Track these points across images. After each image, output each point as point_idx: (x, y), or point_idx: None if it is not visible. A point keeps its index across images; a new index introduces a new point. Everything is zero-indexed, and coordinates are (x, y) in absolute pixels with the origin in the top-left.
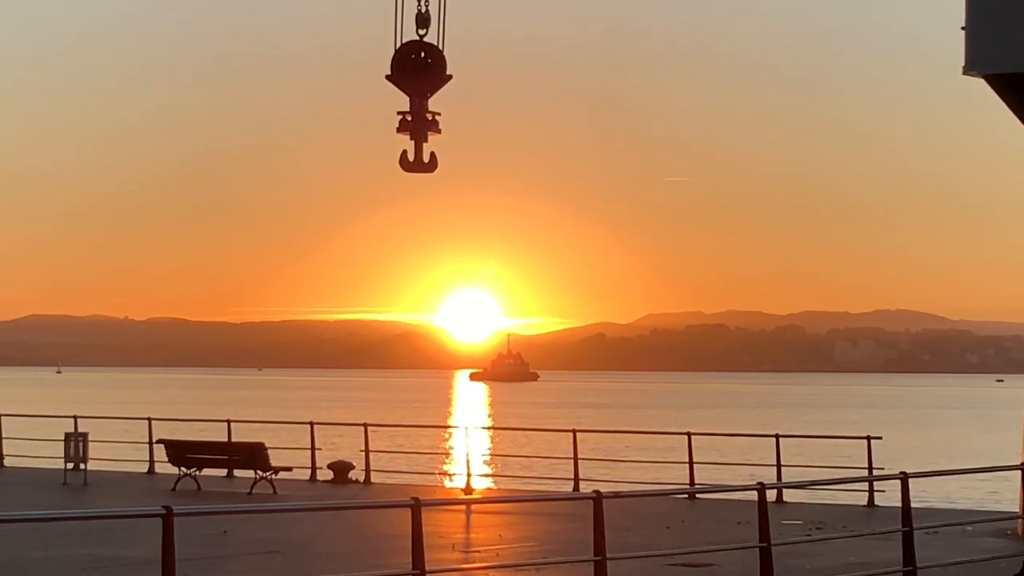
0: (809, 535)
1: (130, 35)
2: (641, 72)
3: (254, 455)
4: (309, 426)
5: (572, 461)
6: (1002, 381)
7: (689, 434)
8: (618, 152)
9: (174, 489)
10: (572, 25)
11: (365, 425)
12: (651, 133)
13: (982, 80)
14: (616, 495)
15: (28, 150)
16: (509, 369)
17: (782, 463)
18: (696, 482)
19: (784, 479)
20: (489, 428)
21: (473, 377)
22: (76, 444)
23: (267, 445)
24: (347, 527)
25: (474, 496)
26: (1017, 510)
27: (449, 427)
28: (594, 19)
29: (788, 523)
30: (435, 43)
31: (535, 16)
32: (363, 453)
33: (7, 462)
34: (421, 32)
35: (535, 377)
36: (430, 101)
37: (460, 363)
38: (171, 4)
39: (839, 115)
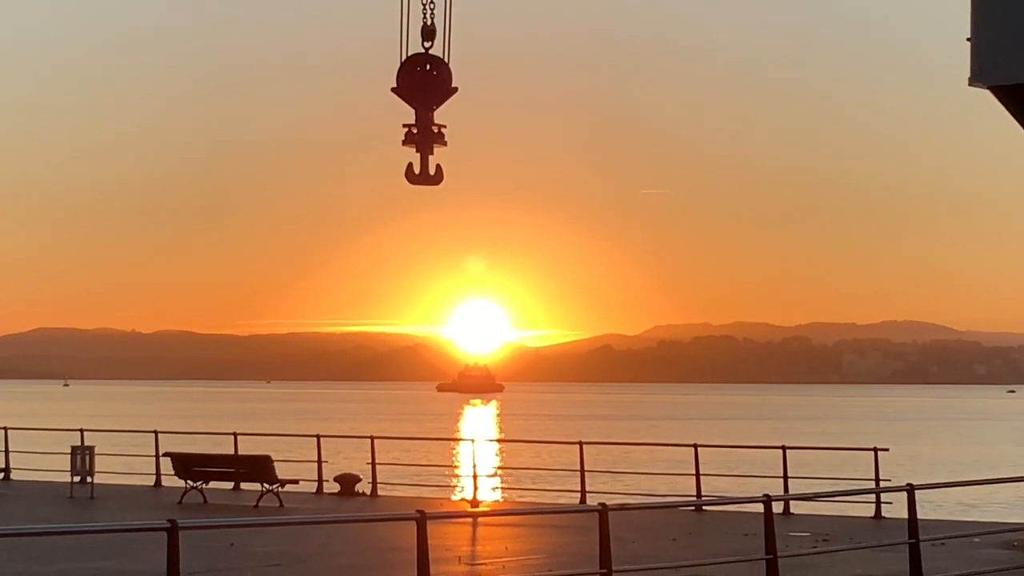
0: (816, 547)
1: (138, 46)
2: (648, 82)
3: (261, 468)
4: (316, 439)
5: (579, 473)
6: (1013, 392)
7: (696, 446)
8: (626, 164)
9: (180, 502)
10: (578, 35)
11: (372, 437)
12: (660, 144)
13: (988, 91)
14: (622, 507)
15: (34, 163)
16: (475, 381)
17: (789, 475)
18: (703, 494)
19: (791, 491)
20: (495, 440)
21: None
22: (83, 457)
23: (274, 458)
24: (353, 540)
25: (480, 509)
26: None
27: (456, 439)
28: (600, 31)
29: (795, 535)
30: (440, 56)
31: (541, 27)
32: (370, 466)
33: (14, 475)
34: (427, 44)
35: (501, 388)
36: (436, 113)
37: None
38: (177, 15)
39: (847, 126)
